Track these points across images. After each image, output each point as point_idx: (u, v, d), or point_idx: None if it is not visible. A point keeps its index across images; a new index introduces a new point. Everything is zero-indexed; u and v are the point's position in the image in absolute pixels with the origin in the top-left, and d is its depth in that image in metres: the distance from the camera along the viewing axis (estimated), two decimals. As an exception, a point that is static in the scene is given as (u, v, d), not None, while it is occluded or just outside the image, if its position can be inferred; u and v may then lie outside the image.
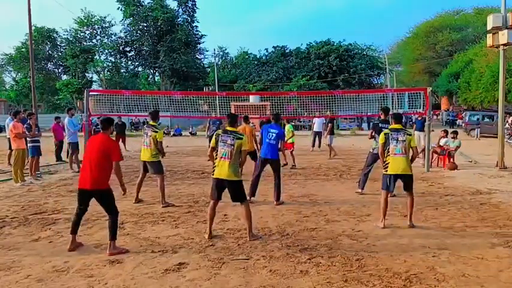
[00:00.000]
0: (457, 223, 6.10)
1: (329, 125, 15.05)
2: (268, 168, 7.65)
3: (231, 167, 5.25)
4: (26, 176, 9.91)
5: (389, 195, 6.12)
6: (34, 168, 10.27)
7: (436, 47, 46.87)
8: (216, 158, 5.36)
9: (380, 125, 8.21)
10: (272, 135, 7.42)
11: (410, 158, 5.97)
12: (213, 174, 5.42)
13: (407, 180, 5.90)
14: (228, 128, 5.49)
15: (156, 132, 7.25)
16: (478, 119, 27.18)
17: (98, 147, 4.89)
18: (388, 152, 5.88)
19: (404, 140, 5.84)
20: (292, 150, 12.47)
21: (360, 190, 8.41)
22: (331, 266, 4.44)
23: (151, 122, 7.54)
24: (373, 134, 8.21)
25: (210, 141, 13.92)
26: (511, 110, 29.63)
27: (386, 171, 5.90)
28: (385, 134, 5.99)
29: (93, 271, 4.35)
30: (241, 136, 5.38)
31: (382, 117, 8.42)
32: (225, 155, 5.27)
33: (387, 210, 6.02)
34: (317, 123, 16.47)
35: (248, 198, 7.33)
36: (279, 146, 7.65)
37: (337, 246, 5.07)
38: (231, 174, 5.25)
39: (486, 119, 26.63)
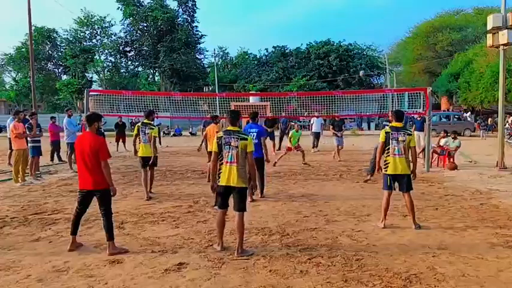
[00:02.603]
0: (457, 223, 6.10)
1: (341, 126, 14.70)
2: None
3: (239, 172, 4.73)
4: (26, 176, 9.91)
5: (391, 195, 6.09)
6: (34, 168, 10.27)
7: (436, 47, 46.77)
8: (222, 163, 4.80)
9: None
10: (253, 135, 7.41)
11: (409, 158, 5.93)
12: (218, 182, 4.85)
13: (407, 179, 5.86)
14: (230, 128, 4.90)
15: (153, 129, 7.92)
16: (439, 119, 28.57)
17: (89, 147, 4.80)
18: (388, 151, 5.84)
19: (404, 140, 5.80)
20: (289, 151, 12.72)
21: (369, 177, 8.99)
22: (331, 266, 4.44)
23: (146, 120, 8.03)
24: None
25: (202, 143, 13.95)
26: (511, 110, 29.63)
27: (386, 170, 5.87)
28: (386, 132, 5.90)
29: (93, 271, 4.35)
30: (246, 136, 4.84)
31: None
32: (231, 158, 4.73)
33: (388, 211, 6.02)
34: (316, 124, 16.38)
35: (249, 199, 7.34)
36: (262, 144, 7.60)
37: (337, 246, 5.07)
38: (239, 181, 4.73)
39: (443, 119, 28.70)
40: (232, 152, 4.75)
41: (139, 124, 8.01)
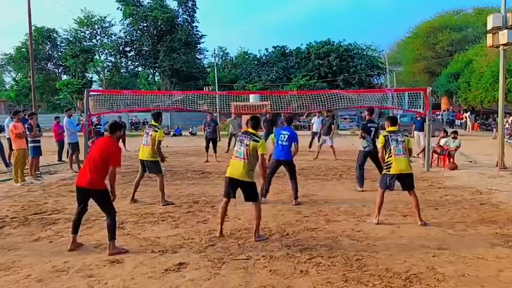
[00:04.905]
0: (457, 223, 6.10)
1: (332, 126, 14.45)
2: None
3: (245, 168, 5.21)
4: (25, 176, 9.91)
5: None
6: (34, 168, 10.28)
7: (436, 47, 46.83)
8: (232, 157, 5.39)
9: (368, 125, 8.66)
10: (284, 137, 7.50)
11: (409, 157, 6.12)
12: (226, 173, 5.44)
13: (409, 178, 6.01)
14: (249, 130, 5.46)
15: (157, 131, 7.36)
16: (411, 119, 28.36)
17: (101, 149, 4.91)
18: (390, 152, 5.98)
19: (404, 141, 6.01)
20: None
21: (359, 189, 8.54)
22: (331, 266, 4.44)
23: (153, 122, 7.64)
24: (363, 134, 8.64)
25: (206, 143, 13.81)
26: (511, 110, 29.61)
27: (389, 171, 5.98)
28: (384, 136, 6.10)
29: (93, 271, 4.35)
30: (258, 139, 5.30)
31: (368, 117, 8.97)
32: (241, 154, 5.26)
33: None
34: (316, 124, 16.30)
35: (261, 199, 7.37)
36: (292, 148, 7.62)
37: (337, 246, 5.07)
38: (244, 175, 5.23)
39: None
40: (243, 149, 5.26)
41: (146, 127, 7.73)
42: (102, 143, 5.09)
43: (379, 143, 6.19)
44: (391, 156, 5.97)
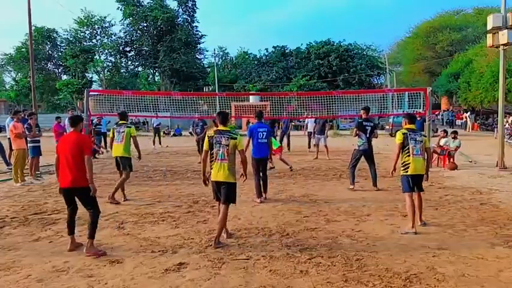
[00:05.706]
0: (457, 223, 6.10)
1: (325, 125, 14.52)
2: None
3: (229, 169, 5.07)
4: (25, 176, 9.90)
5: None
6: (34, 168, 10.27)
7: (436, 47, 46.87)
8: (212, 161, 5.15)
9: (364, 123, 8.47)
10: (263, 135, 7.45)
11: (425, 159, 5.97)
12: (210, 177, 5.25)
13: (421, 179, 5.89)
14: (221, 128, 5.23)
15: (130, 127, 7.65)
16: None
17: (72, 145, 4.83)
18: (408, 152, 5.77)
19: (422, 141, 5.85)
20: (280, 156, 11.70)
21: (351, 186, 8.61)
22: (331, 266, 4.44)
23: (121, 121, 7.80)
24: (358, 132, 8.60)
25: (198, 145, 13.63)
26: (511, 110, 29.60)
27: (407, 171, 5.78)
28: (403, 133, 5.86)
29: (93, 271, 4.35)
30: (236, 136, 5.15)
31: (364, 116, 8.79)
32: (222, 156, 5.07)
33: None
34: (310, 123, 16.32)
35: (258, 200, 7.38)
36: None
37: (337, 246, 5.07)
38: (228, 176, 5.09)
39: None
40: (223, 150, 5.08)
41: (114, 127, 7.80)
42: (70, 138, 4.96)
43: (397, 140, 5.88)
44: (409, 155, 5.75)
